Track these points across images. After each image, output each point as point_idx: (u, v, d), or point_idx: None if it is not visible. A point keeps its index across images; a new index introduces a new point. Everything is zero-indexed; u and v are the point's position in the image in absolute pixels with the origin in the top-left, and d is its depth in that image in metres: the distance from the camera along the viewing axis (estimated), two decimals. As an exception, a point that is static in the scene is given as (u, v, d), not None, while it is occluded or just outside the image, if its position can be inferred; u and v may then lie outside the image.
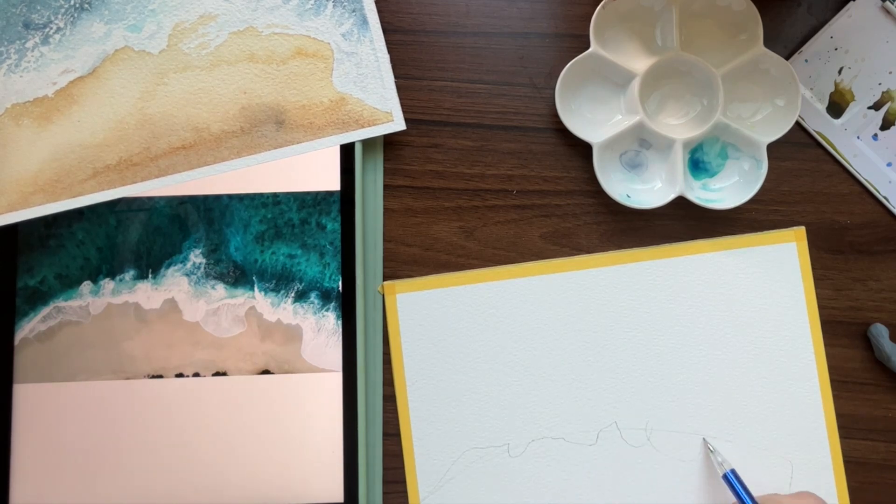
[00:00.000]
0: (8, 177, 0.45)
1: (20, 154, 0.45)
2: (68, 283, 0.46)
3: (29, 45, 0.46)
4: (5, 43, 0.45)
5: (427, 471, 0.47)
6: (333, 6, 0.46)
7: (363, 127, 0.46)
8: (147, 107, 0.46)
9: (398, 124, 0.47)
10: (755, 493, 0.47)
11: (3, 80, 0.45)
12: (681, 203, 0.47)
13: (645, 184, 0.49)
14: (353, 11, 0.46)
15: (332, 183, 0.47)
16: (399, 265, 0.48)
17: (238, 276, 0.46)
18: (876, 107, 0.50)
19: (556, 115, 0.48)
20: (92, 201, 0.45)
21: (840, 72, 0.50)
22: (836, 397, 0.48)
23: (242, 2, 0.46)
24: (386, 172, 0.49)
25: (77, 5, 0.46)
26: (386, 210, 0.49)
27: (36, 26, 0.45)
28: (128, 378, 0.46)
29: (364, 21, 0.46)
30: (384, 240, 0.49)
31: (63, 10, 0.46)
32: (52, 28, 0.46)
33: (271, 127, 0.45)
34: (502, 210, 0.49)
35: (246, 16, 0.46)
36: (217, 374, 0.46)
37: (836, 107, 0.50)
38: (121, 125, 0.46)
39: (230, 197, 0.47)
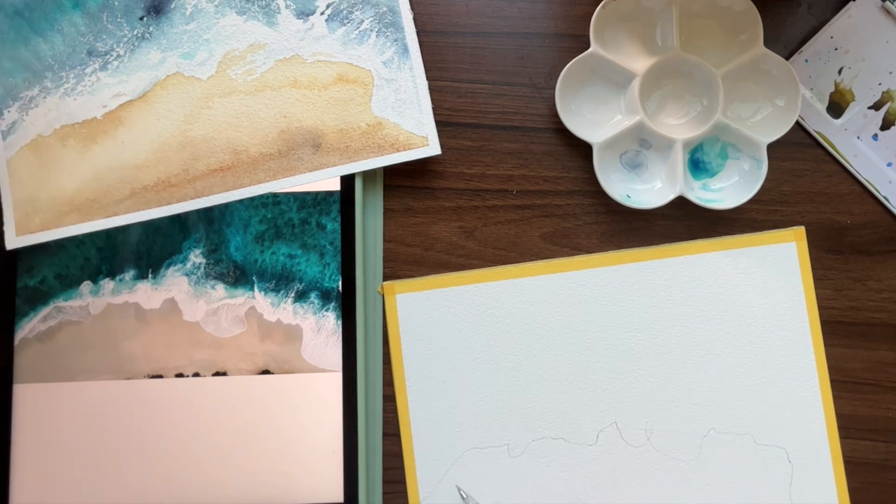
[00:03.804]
0: (46, 196, 0.46)
1: (62, 174, 0.46)
2: (68, 283, 0.46)
3: (88, 70, 0.46)
4: (67, 68, 0.46)
5: (427, 471, 0.47)
6: (377, 36, 0.47)
7: (398, 151, 0.47)
8: (190, 129, 0.46)
9: (433, 149, 0.47)
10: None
11: (58, 102, 0.46)
12: (681, 203, 0.47)
13: (645, 184, 0.49)
14: (396, 41, 0.47)
15: (332, 183, 0.47)
16: (399, 265, 0.48)
17: (238, 276, 0.47)
18: (876, 107, 0.50)
19: (556, 115, 0.48)
20: (124, 222, 0.46)
21: (840, 72, 0.50)
22: (836, 397, 0.48)
23: (291, 32, 0.47)
24: (386, 172, 0.49)
25: (140, 35, 0.46)
26: (386, 210, 0.49)
27: (98, 53, 0.46)
28: (128, 378, 0.46)
29: (405, 49, 0.47)
30: (384, 240, 0.49)
31: (126, 39, 0.47)
32: (112, 55, 0.46)
33: (308, 150, 0.46)
34: (502, 210, 0.49)
35: (293, 45, 0.47)
36: (217, 374, 0.46)
37: (836, 107, 0.50)
38: (163, 147, 0.46)
39: (230, 197, 0.47)
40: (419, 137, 0.47)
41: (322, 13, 0.48)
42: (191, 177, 0.46)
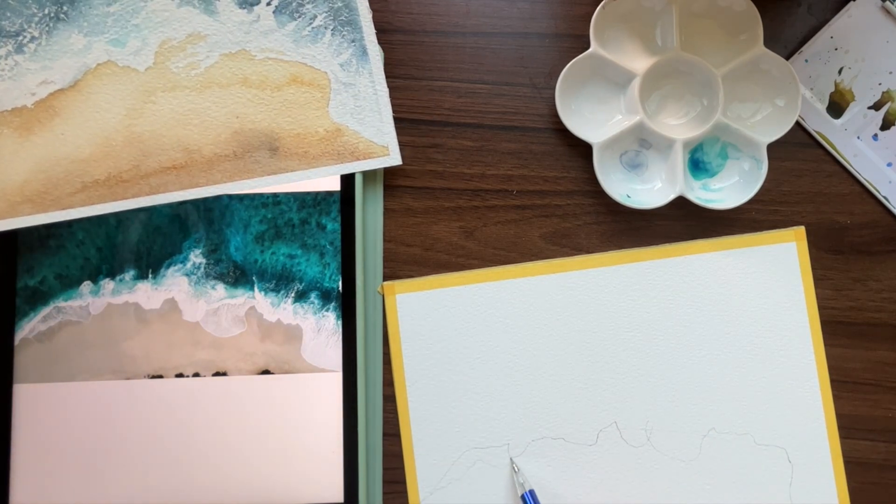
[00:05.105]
0: None
1: (2, 163, 0.45)
2: (68, 283, 0.46)
3: (1, 52, 0.45)
4: None
5: (427, 471, 0.47)
6: (332, 34, 0.45)
7: (359, 160, 0.46)
8: (135, 124, 0.45)
9: (394, 159, 0.47)
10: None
11: None
12: (681, 203, 0.47)
13: (645, 184, 0.49)
14: (353, 42, 0.45)
15: (332, 183, 0.47)
16: (399, 265, 0.48)
17: (238, 276, 0.47)
18: (876, 107, 0.50)
19: (556, 115, 0.48)
20: (82, 214, 0.45)
21: (840, 72, 0.50)
22: (836, 397, 0.48)
23: (234, 23, 0.45)
24: (386, 172, 0.49)
25: (52, 15, 0.45)
26: (386, 210, 0.49)
27: (8, 34, 0.44)
28: (128, 378, 0.46)
29: (364, 52, 0.45)
30: (384, 240, 0.49)
31: (37, 20, 0.45)
32: (25, 37, 0.45)
33: (265, 153, 0.45)
34: (502, 210, 0.49)
35: (238, 38, 0.46)
36: (217, 374, 0.46)
37: (836, 107, 0.50)
38: (107, 141, 0.45)
39: (230, 197, 0.47)
40: (379, 147, 0.46)
41: (268, 3, 0.46)
42: (143, 173, 0.45)
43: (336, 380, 0.46)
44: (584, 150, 0.49)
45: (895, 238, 0.50)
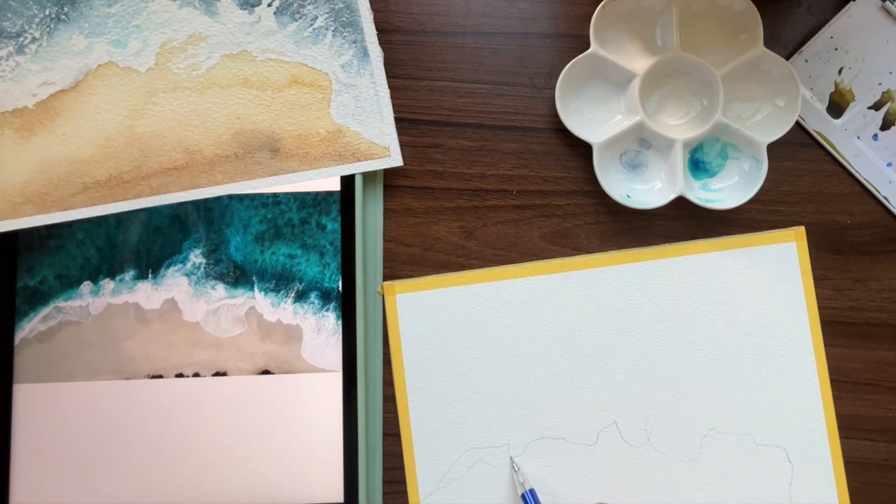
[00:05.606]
0: None
1: (3, 164, 0.45)
2: (68, 283, 0.46)
3: (2, 53, 0.45)
4: None
5: (427, 471, 0.47)
6: (333, 36, 0.45)
7: (360, 160, 0.46)
8: (136, 125, 0.45)
9: (395, 160, 0.47)
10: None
11: None
12: (681, 203, 0.47)
13: (645, 184, 0.49)
14: (354, 42, 0.45)
15: (332, 183, 0.47)
16: (399, 265, 0.48)
17: (238, 276, 0.47)
18: (876, 107, 0.50)
19: (556, 115, 0.48)
20: (83, 215, 0.45)
21: (840, 72, 0.50)
22: (836, 397, 0.48)
23: (235, 24, 0.46)
24: (386, 173, 0.49)
25: (53, 16, 0.45)
26: (386, 210, 0.49)
27: (8, 35, 0.44)
28: (128, 378, 0.46)
29: (365, 53, 0.45)
30: (384, 240, 0.49)
31: (38, 21, 0.45)
32: (26, 38, 0.45)
33: (266, 154, 0.45)
34: (502, 210, 0.49)
35: (239, 39, 0.46)
36: (217, 374, 0.46)
37: (836, 107, 0.50)
38: (109, 142, 0.45)
39: (230, 197, 0.47)
40: (381, 147, 0.46)
41: (269, 4, 0.46)
42: (144, 174, 0.45)
43: (336, 380, 0.46)
44: (584, 150, 0.49)
45: (895, 238, 0.50)
